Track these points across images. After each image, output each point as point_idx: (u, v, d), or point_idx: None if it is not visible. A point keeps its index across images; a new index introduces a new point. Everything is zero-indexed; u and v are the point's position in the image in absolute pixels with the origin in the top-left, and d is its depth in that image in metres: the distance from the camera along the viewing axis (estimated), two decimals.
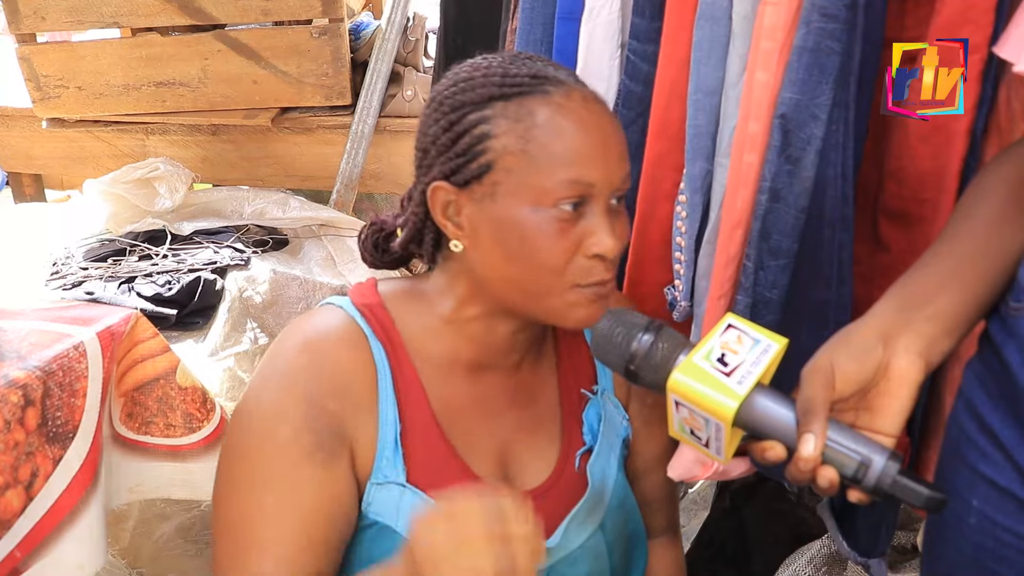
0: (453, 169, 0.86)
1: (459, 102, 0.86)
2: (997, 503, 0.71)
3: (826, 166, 0.90)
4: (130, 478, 1.23)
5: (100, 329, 1.13)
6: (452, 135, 0.86)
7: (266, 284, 1.87)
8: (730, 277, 1.00)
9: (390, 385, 0.91)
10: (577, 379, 1.03)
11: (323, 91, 2.28)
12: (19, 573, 1.00)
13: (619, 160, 0.86)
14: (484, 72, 0.86)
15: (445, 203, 0.87)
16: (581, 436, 1.01)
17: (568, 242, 0.84)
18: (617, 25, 1.13)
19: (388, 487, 0.89)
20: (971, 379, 0.76)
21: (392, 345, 0.92)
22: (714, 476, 1.10)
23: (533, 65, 0.87)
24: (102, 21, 2.23)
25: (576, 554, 0.97)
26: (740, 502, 1.62)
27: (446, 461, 0.92)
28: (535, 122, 0.83)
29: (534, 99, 0.84)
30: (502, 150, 0.83)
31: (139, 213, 2.07)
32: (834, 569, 1.36)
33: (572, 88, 0.85)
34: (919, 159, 0.94)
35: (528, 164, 0.82)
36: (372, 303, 0.94)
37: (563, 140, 0.82)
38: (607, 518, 1.00)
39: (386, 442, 0.89)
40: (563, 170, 0.82)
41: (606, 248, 0.84)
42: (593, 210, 0.85)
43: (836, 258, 0.94)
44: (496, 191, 0.84)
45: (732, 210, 0.96)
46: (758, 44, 0.90)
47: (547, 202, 0.82)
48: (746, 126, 0.93)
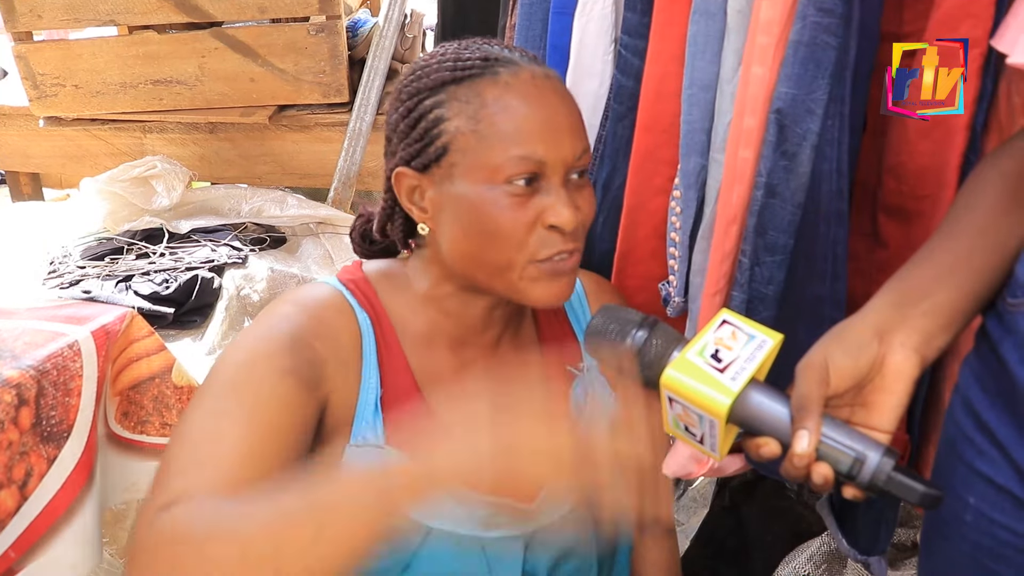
0: (413, 154, 0.89)
1: (415, 89, 0.89)
2: (994, 501, 0.71)
3: (822, 161, 0.90)
4: (125, 477, 1.23)
5: (95, 328, 1.13)
6: (410, 121, 0.89)
7: (264, 282, 1.87)
8: (725, 273, 0.99)
9: (373, 351, 0.92)
10: (562, 356, 1.04)
11: (320, 88, 2.28)
12: (14, 573, 1.00)
13: (571, 135, 0.87)
14: (439, 59, 0.89)
15: (410, 188, 0.90)
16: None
17: (524, 216, 0.85)
18: (611, 20, 1.12)
19: (366, 449, 0.90)
20: (968, 376, 0.76)
21: (376, 315, 0.94)
22: (710, 473, 1.10)
23: (486, 49, 0.89)
24: (99, 19, 2.23)
25: (560, 523, 0.97)
26: (740, 500, 1.62)
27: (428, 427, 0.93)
28: (484, 102, 0.85)
29: (483, 80, 0.86)
30: (455, 132, 0.86)
31: (136, 211, 2.06)
32: (834, 567, 1.36)
33: (522, 67, 0.87)
34: (918, 155, 0.94)
35: (479, 143, 0.85)
36: (357, 278, 0.97)
37: (511, 118, 0.84)
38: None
39: (366, 404, 0.91)
40: (512, 147, 0.84)
41: (563, 219, 0.85)
42: (549, 185, 0.86)
43: (831, 253, 0.94)
44: (453, 172, 0.87)
45: (727, 206, 0.95)
46: (754, 39, 0.89)
47: (499, 179, 0.84)
48: (742, 121, 0.92)
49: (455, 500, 0.89)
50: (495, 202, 0.85)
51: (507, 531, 0.93)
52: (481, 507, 0.91)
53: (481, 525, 0.92)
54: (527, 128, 0.85)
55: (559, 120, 0.86)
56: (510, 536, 0.93)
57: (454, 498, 0.89)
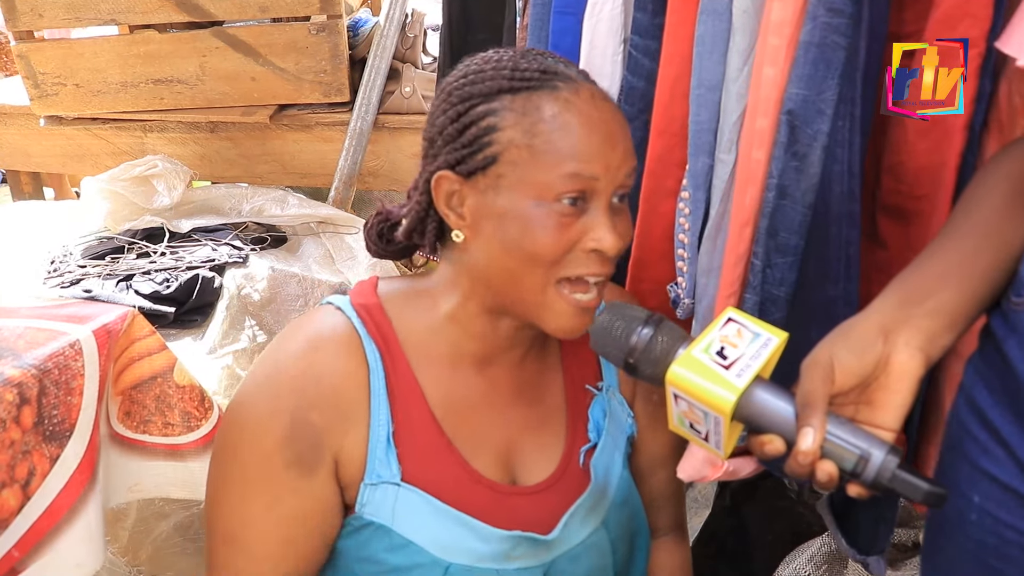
0: (458, 159, 0.87)
1: (468, 93, 0.87)
2: (999, 499, 0.71)
3: (832, 162, 0.90)
4: (129, 477, 1.23)
5: (96, 327, 1.13)
6: (459, 125, 0.87)
7: (264, 282, 1.86)
8: (739, 276, 0.99)
9: (383, 385, 0.91)
10: (582, 376, 1.03)
11: (321, 88, 2.28)
12: (17, 572, 1.00)
13: (624, 157, 0.86)
14: (495, 65, 0.87)
15: (449, 193, 0.88)
16: (586, 433, 1.00)
17: (567, 237, 0.84)
18: (620, 21, 1.12)
19: (383, 487, 0.90)
20: (972, 374, 0.76)
21: (387, 344, 0.92)
22: (724, 476, 1.10)
23: (543, 61, 0.88)
24: (100, 18, 2.23)
25: (578, 550, 0.97)
26: (741, 500, 1.62)
27: (443, 457, 0.92)
28: (541, 117, 0.84)
29: (542, 94, 0.84)
30: (508, 143, 0.84)
31: (137, 211, 2.06)
32: (835, 567, 1.36)
33: (580, 85, 0.86)
34: (917, 154, 0.94)
35: (532, 158, 0.83)
36: (370, 304, 0.95)
37: (568, 135, 0.83)
38: (610, 515, 1.00)
39: (378, 442, 0.90)
40: (566, 164, 0.83)
41: (607, 244, 0.84)
42: (595, 206, 0.85)
43: (843, 254, 0.94)
44: (500, 183, 0.85)
45: (741, 208, 0.95)
46: (765, 40, 0.89)
47: (549, 196, 0.83)
48: (754, 122, 0.92)
49: (474, 535, 0.89)
50: (540, 220, 0.84)
51: (526, 563, 0.93)
52: (499, 541, 0.91)
53: (500, 559, 0.91)
54: (583, 146, 0.83)
55: (615, 140, 0.85)
56: (529, 567, 0.93)
57: (472, 534, 0.89)
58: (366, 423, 0.90)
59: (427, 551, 0.89)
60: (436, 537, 0.89)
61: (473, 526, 0.90)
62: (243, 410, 0.90)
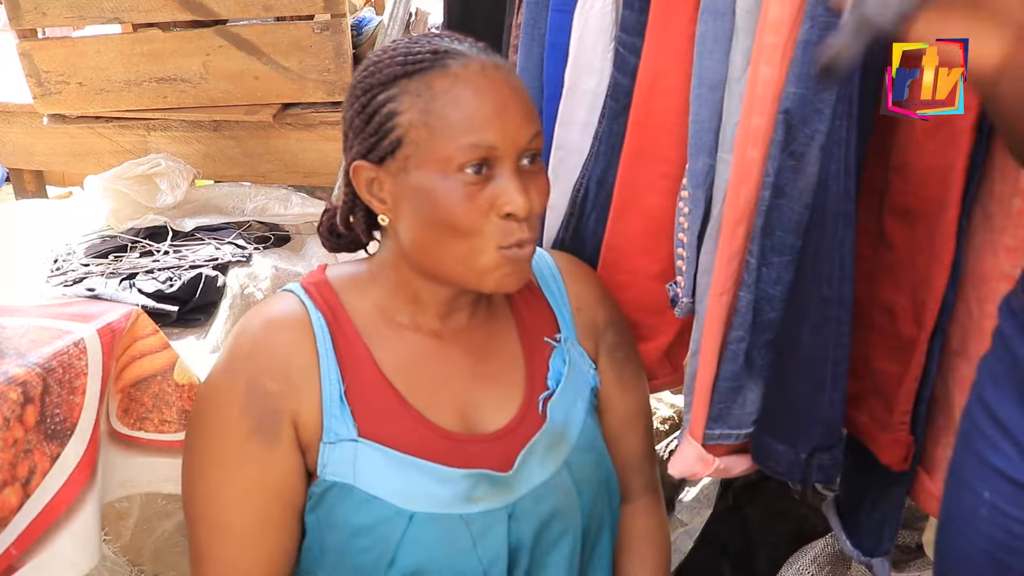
0: (368, 148, 0.92)
1: (368, 84, 0.93)
2: (1008, 495, 0.72)
3: (829, 162, 0.90)
4: (123, 473, 1.22)
5: (100, 326, 1.13)
6: (365, 116, 0.92)
7: (268, 281, 1.87)
8: (732, 274, 0.99)
9: (331, 349, 0.96)
10: (538, 328, 1.07)
11: (325, 87, 2.27)
12: (14, 571, 1.00)
13: (522, 120, 0.90)
14: (390, 54, 0.93)
15: (368, 180, 0.94)
16: (546, 382, 1.04)
17: (478, 205, 0.89)
18: (611, 18, 1.13)
19: (341, 445, 0.93)
20: (984, 374, 0.77)
21: (334, 314, 0.98)
22: (715, 473, 1.10)
23: (437, 42, 0.93)
24: (103, 17, 2.23)
25: (541, 491, 0.99)
26: (743, 500, 1.62)
27: (398, 412, 0.96)
28: (434, 95, 0.89)
29: (433, 73, 0.90)
30: (408, 124, 0.89)
31: (140, 209, 2.06)
32: (838, 568, 1.36)
33: (471, 59, 0.91)
34: (925, 155, 0.94)
35: (431, 135, 0.88)
36: (317, 280, 1.01)
37: (460, 108, 0.88)
38: (572, 458, 1.02)
39: (332, 401, 0.94)
40: (462, 136, 0.87)
41: (516, 206, 0.88)
42: (501, 172, 0.90)
43: (838, 255, 0.94)
44: (408, 164, 0.90)
45: (735, 206, 0.95)
46: (762, 38, 0.89)
47: (452, 168, 0.88)
48: (749, 121, 0.92)
49: (433, 479, 0.90)
50: (449, 192, 0.88)
51: (489, 504, 0.95)
52: (458, 480, 0.94)
53: (462, 502, 0.94)
54: (476, 116, 0.88)
55: (508, 106, 0.89)
56: (492, 509, 0.95)
57: (431, 477, 0.90)
58: (317, 386, 0.94)
59: (390, 503, 0.92)
60: (397, 488, 0.92)
61: (431, 470, 0.93)
62: (205, 391, 0.97)
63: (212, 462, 0.94)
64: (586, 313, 1.11)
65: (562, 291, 1.10)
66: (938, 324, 0.96)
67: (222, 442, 0.94)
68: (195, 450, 0.97)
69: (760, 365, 1.02)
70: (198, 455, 0.96)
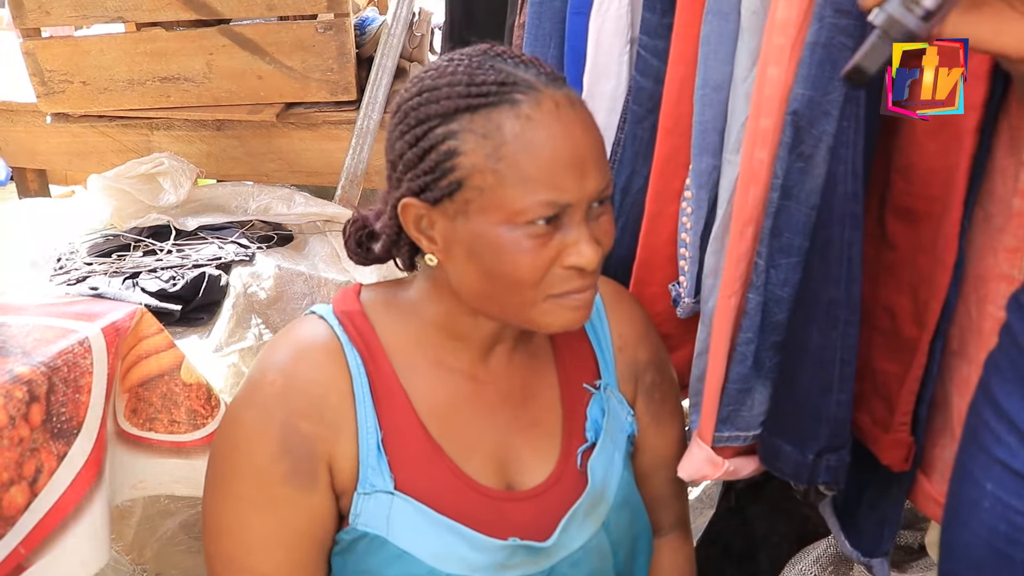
0: (422, 186, 0.84)
1: (424, 115, 0.83)
2: (1011, 487, 0.73)
3: (837, 163, 0.90)
4: (134, 474, 1.23)
5: (105, 325, 1.13)
6: (418, 151, 0.83)
7: (271, 280, 1.87)
8: (741, 275, 0.99)
9: (367, 392, 0.90)
10: (578, 374, 1.01)
11: (328, 87, 2.28)
12: (23, 570, 1.00)
13: (595, 171, 0.83)
14: (449, 80, 0.83)
15: (417, 218, 0.86)
16: (583, 433, 0.99)
17: (544, 256, 0.82)
18: (626, 20, 1.12)
19: (376, 496, 0.89)
20: (990, 368, 0.78)
21: (370, 351, 0.92)
22: (724, 475, 1.10)
23: (501, 69, 0.83)
24: (106, 16, 2.23)
25: (578, 555, 0.96)
26: (746, 501, 1.62)
27: (434, 464, 0.91)
28: (504, 138, 0.80)
29: (502, 111, 0.80)
30: (472, 168, 0.81)
31: (143, 208, 2.06)
32: (840, 568, 1.36)
33: (542, 93, 0.82)
34: (927, 156, 0.93)
35: (500, 183, 0.80)
36: (352, 311, 0.94)
37: (534, 157, 0.80)
38: (610, 517, 0.99)
39: (368, 450, 0.89)
40: (536, 191, 0.80)
41: (585, 260, 0.83)
42: (571, 221, 0.83)
43: (846, 256, 0.93)
44: (468, 209, 0.82)
45: (743, 207, 0.95)
46: (770, 39, 0.89)
47: (521, 220, 0.81)
48: (757, 122, 0.92)
49: (468, 545, 0.89)
50: (515, 244, 0.81)
51: (525, 571, 0.92)
52: (494, 551, 0.90)
53: (496, 569, 0.91)
54: (552, 169, 0.80)
55: (584, 156, 0.82)
56: (527, 575, 0.92)
57: (467, 543, 0.89)
58: (354, 431, 0.89)
59: (422, 562, 0.88)
60: (431, 548, 0.89)
61: (467, 536, 0.90)
62: (234, 427, 0.90)
63: (242, 504, 0.88)
64: (628, 352, 1.05)
65: (605, 329, 1.04)
66: (939, 325, 0.96)
67: (255, 486, 0.88)
68: (223, 490, 0.90)
69: (768, 367, 1.02)
70: (224, 495, 0.90)
